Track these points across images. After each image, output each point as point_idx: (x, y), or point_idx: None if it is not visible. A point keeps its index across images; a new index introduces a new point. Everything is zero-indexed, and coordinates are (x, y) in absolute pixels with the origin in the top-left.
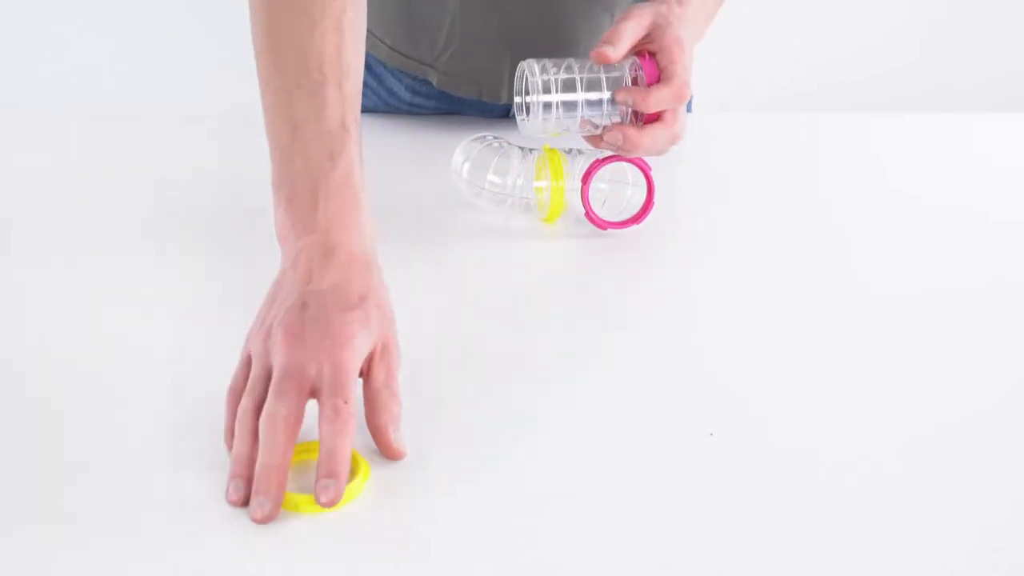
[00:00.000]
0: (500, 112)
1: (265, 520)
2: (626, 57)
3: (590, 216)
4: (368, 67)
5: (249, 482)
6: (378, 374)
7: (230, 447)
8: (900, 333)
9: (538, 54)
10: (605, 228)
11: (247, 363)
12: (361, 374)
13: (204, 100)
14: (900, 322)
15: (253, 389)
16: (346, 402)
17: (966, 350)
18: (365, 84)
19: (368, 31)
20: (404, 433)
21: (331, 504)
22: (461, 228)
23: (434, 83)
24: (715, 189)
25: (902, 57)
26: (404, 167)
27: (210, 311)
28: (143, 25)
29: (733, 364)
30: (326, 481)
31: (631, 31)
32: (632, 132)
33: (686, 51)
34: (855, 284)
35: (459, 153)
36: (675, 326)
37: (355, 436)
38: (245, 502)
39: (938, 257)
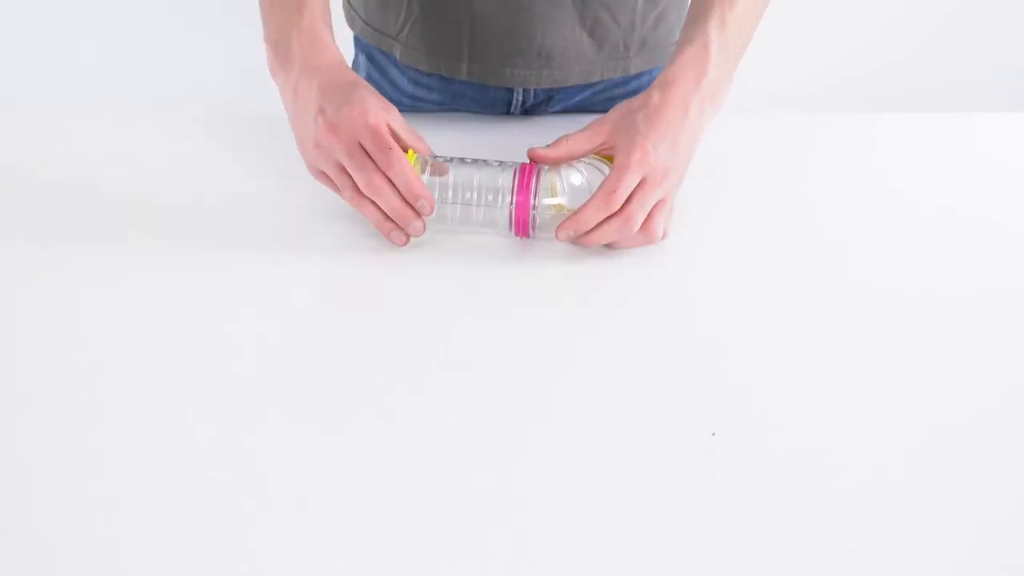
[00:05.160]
0: (500, 108)
1: (417, 233)
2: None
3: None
4: (371, 58)
5: (398, 227)
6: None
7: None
8: (900, 332)
9: (497, 28)
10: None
11: (326, 176)
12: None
13: (204, 98)
14: (900, 321)
15: (343, 181)
16: (390, 148)
17: (967, 350)
18: (369, 78)
19: (347, 3)
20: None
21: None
22: (459, 229)
23: (398, 57)
24: (715, 189)
25: (899, 57)
26: None
27: (212, 308)
28: (143, 23)
29: (734, 364)
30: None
31: (581, 141)
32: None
33: (637, 174)
34: (856, 283)
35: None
36: (676, 326)
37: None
38: (406, 239)
39: (938, 257)
